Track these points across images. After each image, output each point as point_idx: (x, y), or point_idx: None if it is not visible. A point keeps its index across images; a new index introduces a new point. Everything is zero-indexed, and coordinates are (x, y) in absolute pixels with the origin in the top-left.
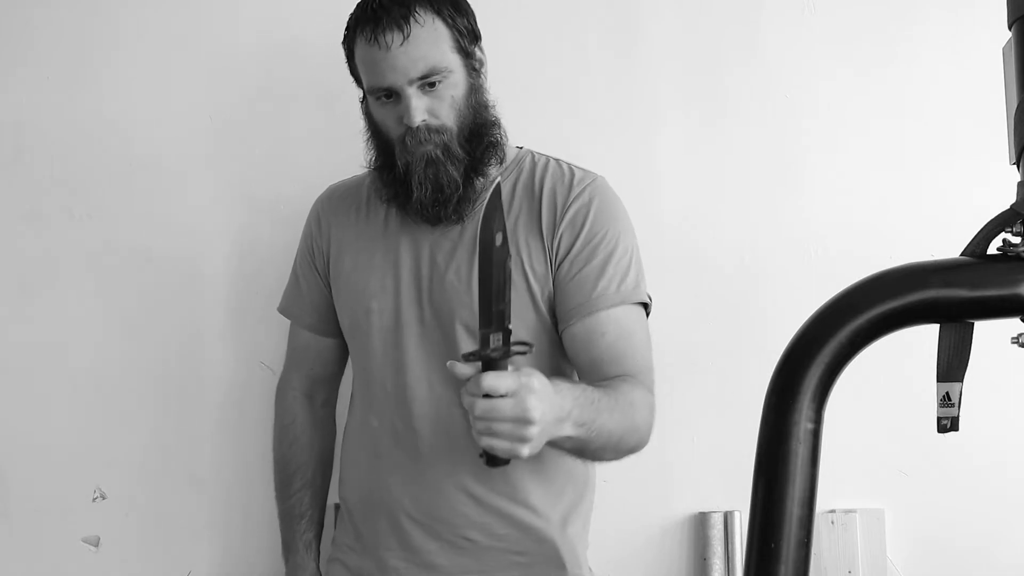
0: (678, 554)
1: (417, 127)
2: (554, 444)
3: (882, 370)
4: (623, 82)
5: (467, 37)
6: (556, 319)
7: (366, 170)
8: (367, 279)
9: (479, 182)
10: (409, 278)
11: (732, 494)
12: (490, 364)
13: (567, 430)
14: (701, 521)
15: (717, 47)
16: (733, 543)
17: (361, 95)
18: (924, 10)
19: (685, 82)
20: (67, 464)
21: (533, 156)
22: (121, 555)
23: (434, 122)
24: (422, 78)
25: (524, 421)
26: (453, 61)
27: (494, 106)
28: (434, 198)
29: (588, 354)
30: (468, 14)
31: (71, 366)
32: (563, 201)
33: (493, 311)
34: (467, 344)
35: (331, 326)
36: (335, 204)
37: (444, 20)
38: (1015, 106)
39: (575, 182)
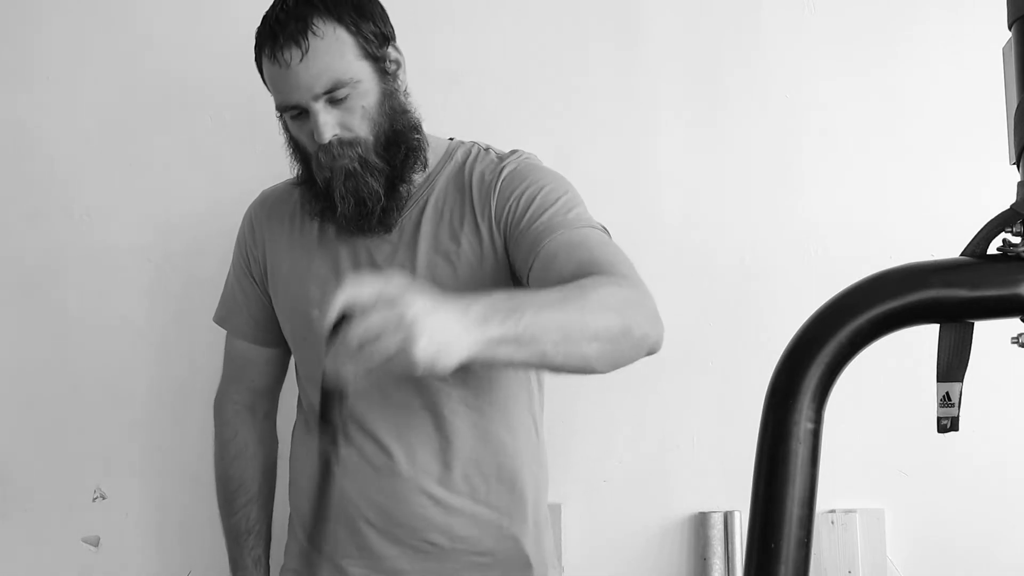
0: (678, 554)
1: (328, 143)
2: (497, 361)
3: (882, 370)
4: (623, 82)
5: (375, 42)
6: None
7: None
8: (306, 287)
9: (403, 188)
10: None
11: (732, 494)
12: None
13: (492, 330)
14: (701, 521)
15: (717, 47)
16: (733, 543)
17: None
18: (924, 10)
19: (685, 82)
20: (67, 464)
21: (467, 148)
22: (121, 555)
23: (347, 135)
24: (327, 92)
25: (394, 305)
26: (360, 70)
27: (414, 110)
28: (357, 211)
29: (548, 281)
30: (374, 17)
31: (71, 366)
32: (491, 179)
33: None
34: None
35: (271, 336)
36: (268, 211)
37: (347, 28)
38: (1015, 106)
39: (502, 160)
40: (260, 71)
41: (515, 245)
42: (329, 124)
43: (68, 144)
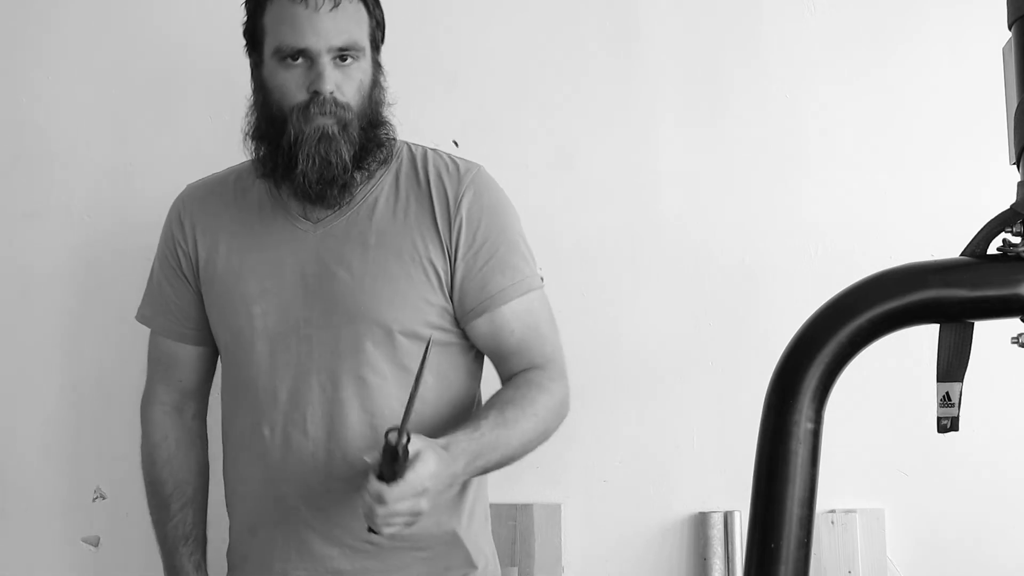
0: (678, 554)
1: (324, 97)
2: None
3: (882, 370)
4: (623, 82)
5: (379, 34)
6: (454, 307)
7: (231, 165)
8: (245, 283)
9: (360, 175)
10: (293, 279)
11: (732, 494)
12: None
13: (458, 483)
14: (701, 521)
15: (717, 47)
16: (733, 543)
17: (253, 63)
18: (924, 10)
19: (685, 82)
20: (67, 464)
21: (410, 146)
22: (121, 555)
23: (340, 97)
24: (341, 50)
25: (416, 514)
26: (367, 46)
27: (392, 105)
28: (320, 174)
29: (497, 349)
30: (383, 14)
31: (71, 366)
32: (454, 193)
33: (412, 417)
34: (371, 341)
35: (201, 334)
36: (199, 204)
37: (367, 7)
38: (1015, 106)
39: (462, 173)
40: (258, 11)
41: (465, 280)
42: (333, 78)
43: (68, 144)
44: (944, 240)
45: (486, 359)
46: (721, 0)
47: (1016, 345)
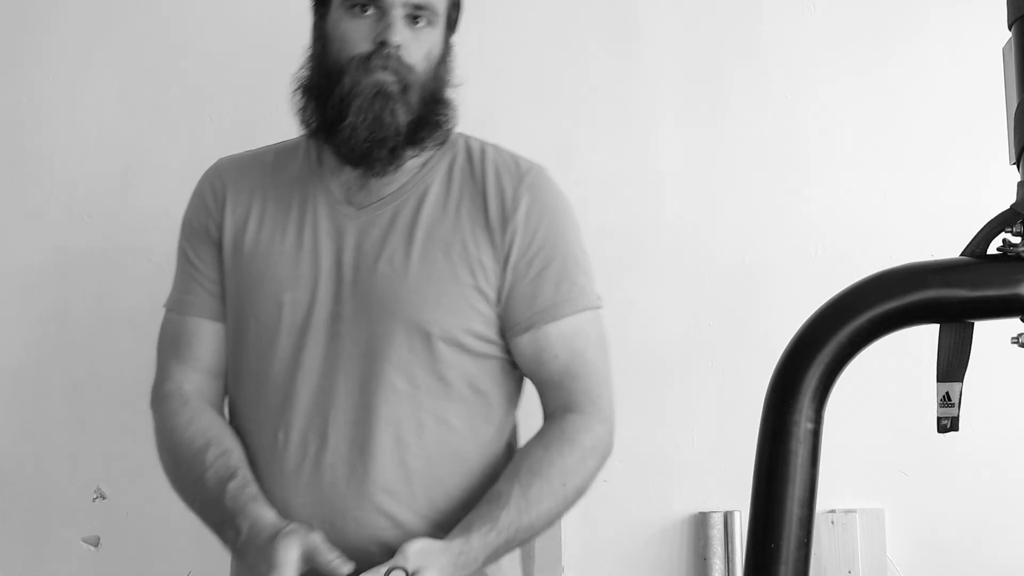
0: (678, 554)
1: (390, 49)
2: None
3: (882, 370)
4: (623, 83)
5: (456, 13)
6: (500, 319)
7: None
8: (277, 266)
9: (412, 151)
10: (329, 268)
11: (732, 494)
12: None
13: (473, 566)
14: (701, 521)
15: (717, 47)
16: (733, 543)
17: (318, 15)
18: (924, 10)
19: (685, 82)
20: (67, 464)
21: (467, 139)
22: (121, 555)
23: (406, 57)
24: (416, 7)
25: None
26: (442, 16)
27: (458, 86)
28: (370, 131)
29: (538, 374)
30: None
31: (71, 366)
32: (512, 194)
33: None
34: (407, 344)
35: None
36: (234, 175)
37: None
38: (1015, 106)
39: (522, 172)
40: None
41: (513, 289)
42: (402, 33)
43: (68, 144)
44: (944, 240)
45: None
46: (721, 0)
47: (1016, 345)
